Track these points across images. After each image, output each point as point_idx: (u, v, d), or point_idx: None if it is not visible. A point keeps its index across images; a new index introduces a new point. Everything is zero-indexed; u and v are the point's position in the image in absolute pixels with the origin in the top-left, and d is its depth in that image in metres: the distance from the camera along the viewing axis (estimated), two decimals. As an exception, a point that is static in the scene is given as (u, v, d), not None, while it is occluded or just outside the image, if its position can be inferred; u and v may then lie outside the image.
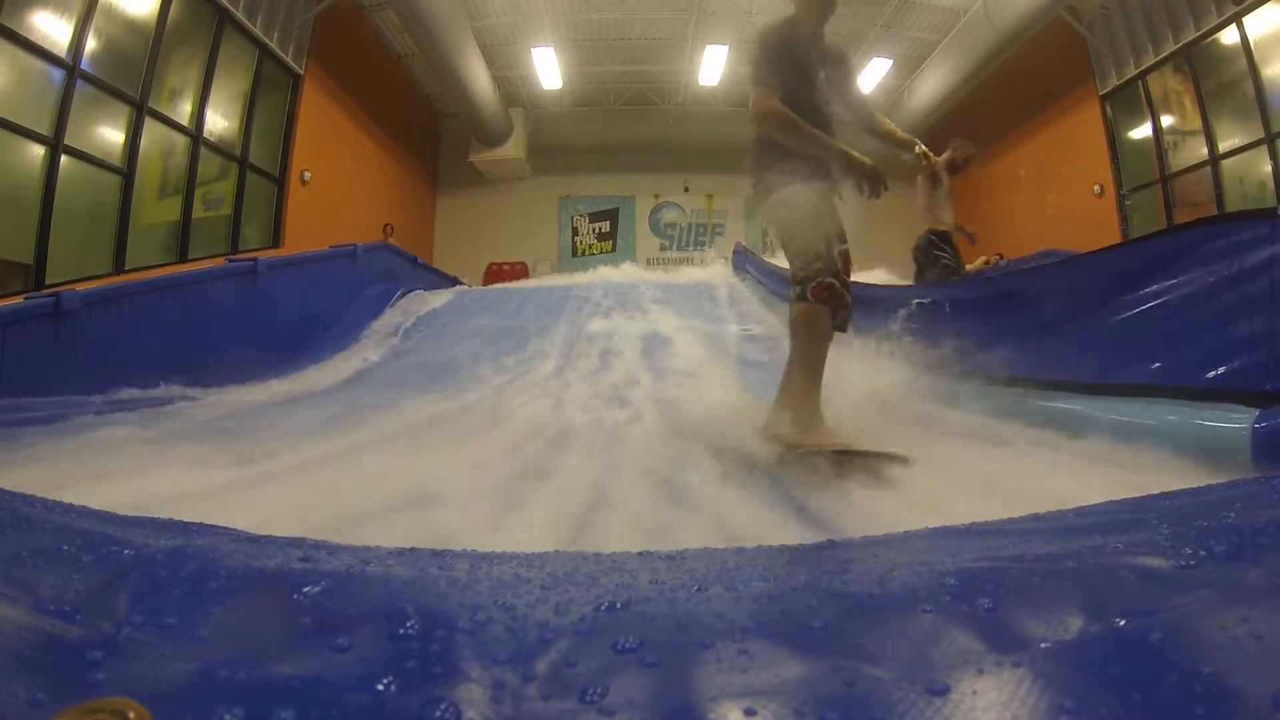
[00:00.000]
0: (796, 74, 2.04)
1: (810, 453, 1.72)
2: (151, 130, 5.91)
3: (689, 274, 8.40)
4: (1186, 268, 2.05)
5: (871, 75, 10.70)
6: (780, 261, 6.39)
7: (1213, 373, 1.88)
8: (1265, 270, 1.79)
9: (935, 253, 4.63)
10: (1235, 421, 1.68)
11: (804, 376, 1.94)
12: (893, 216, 6.27)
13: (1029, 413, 2.39)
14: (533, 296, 6.53)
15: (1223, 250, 1.93)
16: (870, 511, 1.44)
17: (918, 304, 3.81)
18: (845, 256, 2.06)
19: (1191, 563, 0.58)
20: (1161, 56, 7.68)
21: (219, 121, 6.88)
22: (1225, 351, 1.86)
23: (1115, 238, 7.72)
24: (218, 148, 6.84)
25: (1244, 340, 1.81)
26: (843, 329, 2.04)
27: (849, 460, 1.69)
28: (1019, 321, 2.85)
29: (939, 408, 2.71)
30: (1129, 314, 2.24)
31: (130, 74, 5.66)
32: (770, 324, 5.34)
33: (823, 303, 1.95)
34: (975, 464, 1.83)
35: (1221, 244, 1.93)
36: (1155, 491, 1.03)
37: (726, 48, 10.00)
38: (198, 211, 6.57)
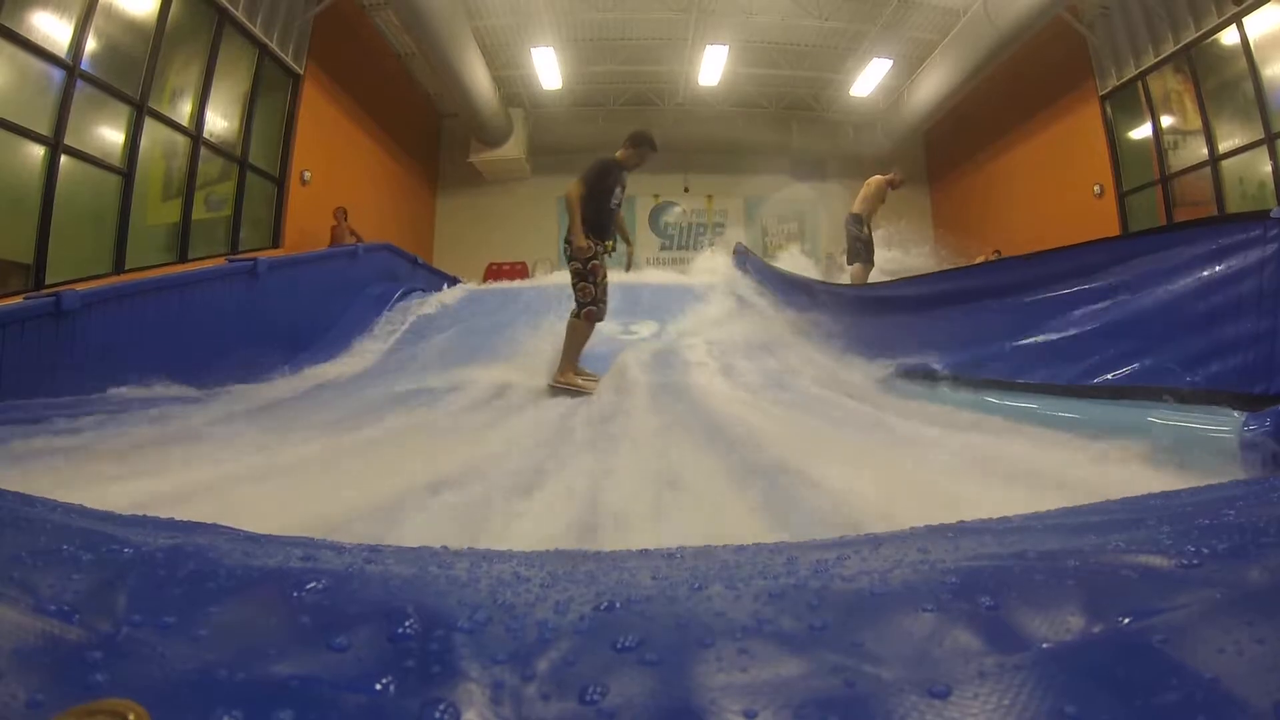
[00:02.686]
0: (603, 188, 3.72)
1: (561, 386, 3.55)
2: (152, 130, 5.91)
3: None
4: (1177, 268, 1.99)
5: (872, 75, 10.71)
6: (775, 263, 6.52)
7: (1199, 375, 1.84)
8: (1255, 273, 1.75)
9: (853, 229, 6.14)
10: (1221, 425, 1.64)
11: (574, 352, 3.70)
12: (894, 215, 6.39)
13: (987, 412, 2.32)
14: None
15: (1214, 252, 1.88)
16: None
17: (886, 298, 3.79)
18: (605, 288, 3.81)
19: (1194, 562, 0.58)
20: (1161, 57, 7.68)
21: (219, 122, 6.88)
22: (1212, 353, 1.82)
23: (1115, 238, 7.69)
24: (218, 148, 6.84)
25: (1230, 342, 1.78)
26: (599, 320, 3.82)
27: (571, 391, 3.49)
28: (990, 320, 2.75)
29: (902, 407, 2.66)
30: (1113, 314, 2.18)
31: (130, 74, 5.65)
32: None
33: (590, 321, 3.76)
34: (944, 482, 1.73)
35: (1213, 245, 1.89)
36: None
37: (726, 48, 10.00)
38: (200, 213, 6.56)
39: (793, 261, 7.59)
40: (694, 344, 4.70)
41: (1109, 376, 2.12)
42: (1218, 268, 1.86)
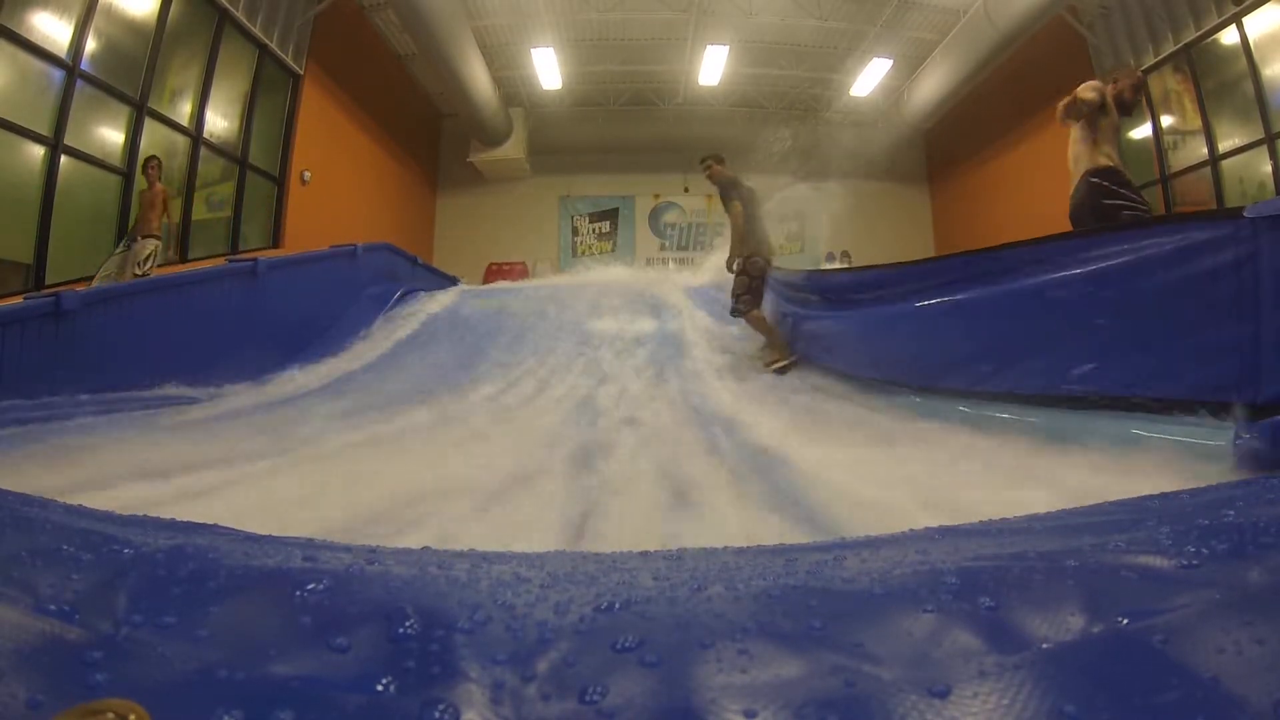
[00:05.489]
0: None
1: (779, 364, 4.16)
2: (152, 130, 5.90)
3: None
4: (1147, 271, 1.83)
5: (872, 75, 10.71)
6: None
7: (1180, 384, 1.73)
8: (1232, 275, 1.61)
9: (1107, 201, 3.12)
10: (1209, 436, 1.57)
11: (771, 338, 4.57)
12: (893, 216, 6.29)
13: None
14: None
15: (1186, 253, 1.73)
16: None
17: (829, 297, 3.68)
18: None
19: (1194, 562, 0.58)
20: (1161, 56, 7.67)
21: (219, 122, 6.88)
22: (1193, 362, 1.70)
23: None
24: (218, 148, 6.83)
25: (1211, 349, 1.66)
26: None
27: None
28: (950, 321, 2.58)
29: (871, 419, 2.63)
30: (1084, 319, 2.00)
31: (130, 74, 5.65)
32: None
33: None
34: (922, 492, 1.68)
35: (1184, 245, 1.74)
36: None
37: (726, 48, 9.99)
38: (200, 213, 6.56)
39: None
40: None
41: (1080, 385, 1.99)
42: (1192, 269, 1.72)
